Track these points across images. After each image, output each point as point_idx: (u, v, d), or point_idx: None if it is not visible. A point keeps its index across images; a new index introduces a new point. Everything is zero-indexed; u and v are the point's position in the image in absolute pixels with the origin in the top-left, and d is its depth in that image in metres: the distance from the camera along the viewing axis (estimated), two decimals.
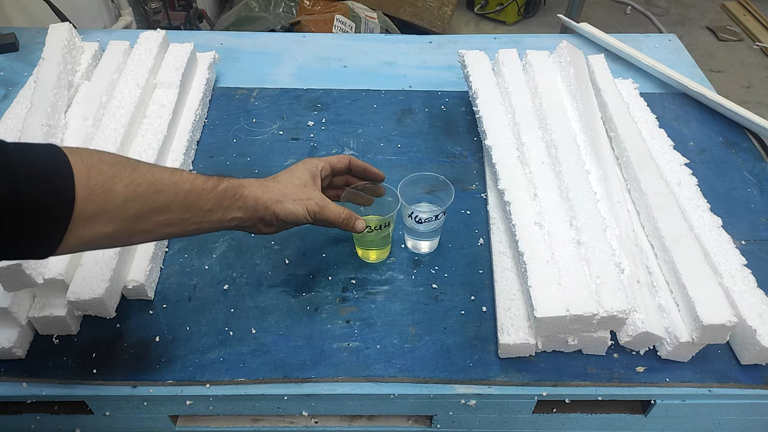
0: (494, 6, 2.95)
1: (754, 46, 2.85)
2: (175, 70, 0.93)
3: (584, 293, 0.63)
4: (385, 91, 1.04)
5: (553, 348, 0.67)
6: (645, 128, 0.89)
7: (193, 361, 0.66)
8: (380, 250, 0.76)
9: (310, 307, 0.71)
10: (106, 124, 0.81)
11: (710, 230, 0.73)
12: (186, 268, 0.75)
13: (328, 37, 1.23)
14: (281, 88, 1.04)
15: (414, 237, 0.76)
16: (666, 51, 1.17)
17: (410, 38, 1.21)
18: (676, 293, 0.67)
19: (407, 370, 0.65)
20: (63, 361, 0.66)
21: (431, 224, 0.72)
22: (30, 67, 1.00)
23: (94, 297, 0.64)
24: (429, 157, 0.91)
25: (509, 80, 0.91)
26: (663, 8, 3.15)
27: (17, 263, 0.60)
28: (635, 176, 0.78)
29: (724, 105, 0.98)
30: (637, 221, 0.76)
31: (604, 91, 0.91)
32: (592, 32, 1.17)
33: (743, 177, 0.89)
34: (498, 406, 0.66)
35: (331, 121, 0.97)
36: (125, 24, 1.79)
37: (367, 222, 0.69)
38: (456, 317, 0.70)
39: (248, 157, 0.90)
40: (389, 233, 0.73)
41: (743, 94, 2.56)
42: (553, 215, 0.72)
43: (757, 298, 0.66)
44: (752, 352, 0.64)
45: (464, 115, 1.00)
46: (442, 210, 0.71)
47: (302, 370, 0.65)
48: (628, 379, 0.65)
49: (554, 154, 0.79)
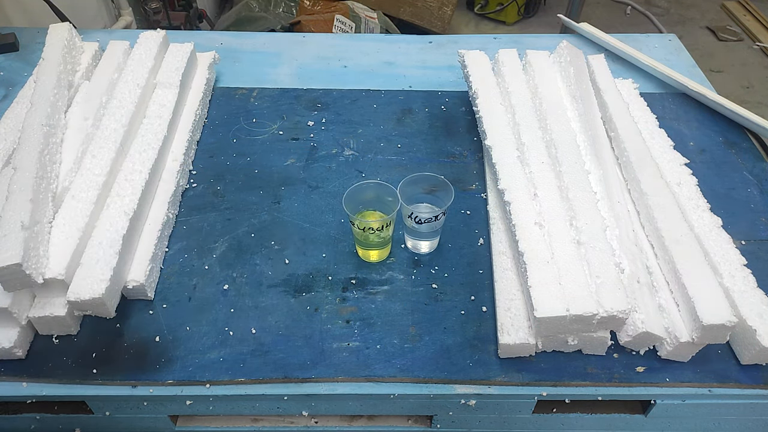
0: (494, 6, 2.95)
1: (754, 46, 2.85)
2: (175, 70, 0.93)
3: (584, 293, 0.63)
4: (385, 91, 1.04)
5: (553, 348, 0.67)
6: (645, 128, 0.89)
7: (193, 361, 0.66)
8: (381, 250, 0.76)
9: (310, 307, 0.71)
10: (106, 123, 0.81)
11: (710, 230, 0.73)
12: (186, 268, 0.75)
13: (328, 37, 1.23)
14: (281, 88, 1.04)
15: (414, 237, 0.76)
16: (666, 51, 1.17)
17: (410, 38, 1.21)
18: (676, 293, 0.67)
19: (407, 370, 0.65)
20: (63, 361, 0.66)
21: (431, 224, 0.72)
22: (30, 67, 1.00)
23: (94, 297, 0.64)
24: (429, 157, 0.91)
25: (509, 80, 0.91)
26: (663, 8, 3.15)
27: (17, 263, 0.60)
28: (635, 176, 0.78)
29: (724, 105, 0.98)
30: (637, 221, 0.76)
31: (604, 91, 0.91)
32: (592, 32, 1.17)
33: (743, 177, 0.88)
34: (498, 406, 0.66)
35: (331, 121, 0.97)
36: (125, 24, 1.79)
37: (368, 223, 0.69)
38: (456, 317, 0.70)
39: (248, 157, 0.90)
40: (390, 233, 0.73)
41: (743, 94, 2.56)
42: (553, 215, 0.72)
43: (757, 298, 0.66)
44: (752, 352, 0.64)
45: (464, 115, 1.00)
46: (442, 210, 0.71)
47: (302, 370, 0.65)
48: (628, 379, 0.65)
49: (554, 154, 0.79)
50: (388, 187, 0.72)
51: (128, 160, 0.79)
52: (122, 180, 0.76)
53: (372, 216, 0.74)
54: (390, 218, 0.70)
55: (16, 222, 0.64)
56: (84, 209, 0.71)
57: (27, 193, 0.67)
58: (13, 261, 0.60)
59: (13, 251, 0.61)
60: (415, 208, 0.71)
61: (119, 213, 0.71)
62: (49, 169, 0.73)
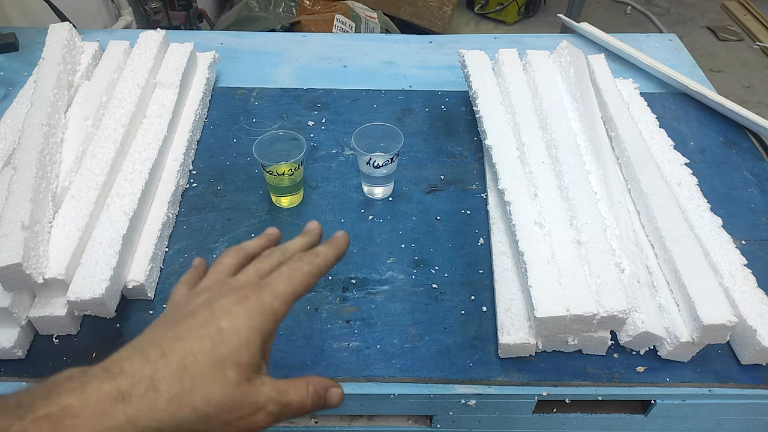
0: (494, 6, 2.95)
1: (755, 45, 2.85)
2: (175, 70, 0.93)
3: (584, 293, 0.63)
4: (385, 91, 1.04)
5: (553, 348, 0.67)
6: (645, 128, 0.89)
7: None
8: (293, 195, 0.82)
9: (310, 307, 0.71)
10: (106, 123, 0.81)
11: (710, 230, 0.73)
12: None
13: (328, 36, 1.23)
14: (281, 88, 1.04)
15: (370, 183, 0.83)
16: (666, 51, 1.17)
17: (410, 38, 1.21)
18: (676, 293, 0.67)
19: (407, 370, 0.65)
20: (63, 361, 0.66)
21: (387, 168, 0.79)
22: (30, 67, 1.00)
23: (94, 297, 0.63)
24: (429, 156, 0.91)
25: (509, 80, 0.91)
26: (663, 8, 3.15)
27: (17, 263, 0.60)
28: (635, 176, 0.78)
29: (725, 105, 0.98)
30: (637, 221, 0.76)
31: (605, 90, 0.91)
32: (592, 32, 1.17)
33: (743, 177, 0.88)
34: (498, 406, 0.66)
35: (331, 120, 0.97)
36: (125, 24, 1.79)
37: (278, 169, 0.76)
38: (456, 317, 0.70)
39: (248, 157, 0.90)
40: (301, 178, 0.81)
41: (743, 94, 2.56)
42: (554, 215, 0.72)
43: (758, 298, 0.66)
44: (752, 352, 0.64)
45: (464, 115, 1.00)
46: (395, 152, 0.78)
47: (302, 370, 0.65)
48: (629, 379, 0.65)
49: (554, 154, 0.79)
50: (292, 134, 0.80)
51: (128, 159, 0.79)
52: (122, 180, 0.76)
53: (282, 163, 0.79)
54: (299, 161, 0.77)
55: (16, 222, 0.64)
56: (84, 209, 0.71)
57: (27, 193, 0.67)
58: (13, 261, 0.60)
59: (13, 251, 0.61)
60: (372, 155, 0.78)
61: (119, 213, 0.71)
62: (49, 169, 0.73)
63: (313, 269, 0.42)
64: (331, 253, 0.45)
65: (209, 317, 0.36)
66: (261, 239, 0.48)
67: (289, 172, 0.78)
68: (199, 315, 0.37)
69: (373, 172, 0.79)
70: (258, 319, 0.37)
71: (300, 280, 0.41)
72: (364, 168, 0.80)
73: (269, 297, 0.38)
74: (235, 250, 0.45)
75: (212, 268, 0.44)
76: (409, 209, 0.83)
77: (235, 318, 0.36)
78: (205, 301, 0.38)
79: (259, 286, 0.39)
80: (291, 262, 0.42)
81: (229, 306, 0.37)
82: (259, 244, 0.47)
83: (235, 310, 0.37)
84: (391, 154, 0.78)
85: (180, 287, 0.44)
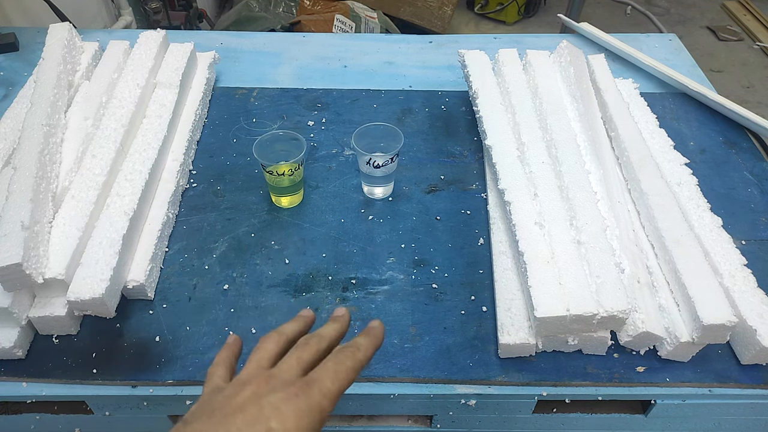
0: (494, 6, 2.95)
1: (755, 45, 2.85)
2: (175, 70, 0.93)
3: (584, 293, 0.63)
4: (385, 91, 1.04)
5: (553, 348, 0.67)
6: (645, 128, 0.89)
7: (193, 361, 0.66)
8: (293, 195, 0.82)
9: (310, 307, 0.71)
10: (106, 123, 0.81)
11: (710, 230, 0.73)
12: (186, 268, 0.75)
13: (328, 37, 1.23)
14: (281, 88, 1.04)
15: (370, 183, 0.83)
16: (666, 51, 1.17)
17: (410, 38, 1.21)
18: (676, 293, 0.67)
19: (407, 370, 0.65)
20: (63, 361, 0.66)
21: (387, 168, 0.79)
22: (30, 67, 1.00)
23: (94, 297, 0.63)
24: (429, 156, 0.91)
25: (509, 80, 0.91)
26: (663, 8, 3.15)
27: (17, 263, 0.60)
28: (635, 176, 0.78)
29: (725, 105, 0.98)
30: (637, 221, 0.76)
31: (605, 90, 0.91)
32: (592, 32, 1.17)
33: (743, 177, 0.88)
34: (498, 406, 0.66)
35: (331, 120, 0.97)
36: (125, 24, 1.79)
37: (278, 169, 0.76)
38: (456, 317, 0.70)
39: (248, 157, 0.90)
40: (301, 178, 0.80)
41: (743, 94, 2.56)
42: (553, 215, 0.72)
43: (757, 298, 0.66)
44: (752, 352, 0.64)
45: (464, 115, 1.00)
46: (395, 152, 0.78)
47: None
48: (629, 379, 0.65)
49: (554, 154, 0.79)
50: (291, 134, 0.79)
51: (128, 159, 0.79)
52: (122, 180, 0.76)
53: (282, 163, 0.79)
54: (298, 161, 0.77)
55: (16, 222, 0.64)
56: (84, 209, 0.71)
57: (27, 193, 0.67)
58: (13, 261, 0.60)
59: (13, 251, 0.61)
60: (372, 155, 0.77)
61: (119, 213, 0.71)
62: (49, 169, 0.73)
63: (356, 364, 0.42)
64: (371, 345, 0.46)
65: (258, 415, 0.36)
66: (298, 323, 0.48)
67: (289, 172, 0.78)
68: (247, 411, 0.37)
69: (373, 172, 0.79)
70: (307, 420, 0.37)
71: (344, 376, 0.41)
72: (364, 168, 0.80)
73: (317, 396, 0.38)
74: (276, 336, 0.45)
75: (253, 354, 0.43)
76: (409, 209, 0.83)
77: (285, 418, 0.36)
78: (252, 395, 0.38)
79: (307, 383, 0.39)
80: (335, 357, 0.42)
81: (278, 403, 0.37)
82: (297, 328, 0.47)
83: (284, 409, 0.37)
84: (391, 154, 0.78)
85: (218, 368, 0.44)
